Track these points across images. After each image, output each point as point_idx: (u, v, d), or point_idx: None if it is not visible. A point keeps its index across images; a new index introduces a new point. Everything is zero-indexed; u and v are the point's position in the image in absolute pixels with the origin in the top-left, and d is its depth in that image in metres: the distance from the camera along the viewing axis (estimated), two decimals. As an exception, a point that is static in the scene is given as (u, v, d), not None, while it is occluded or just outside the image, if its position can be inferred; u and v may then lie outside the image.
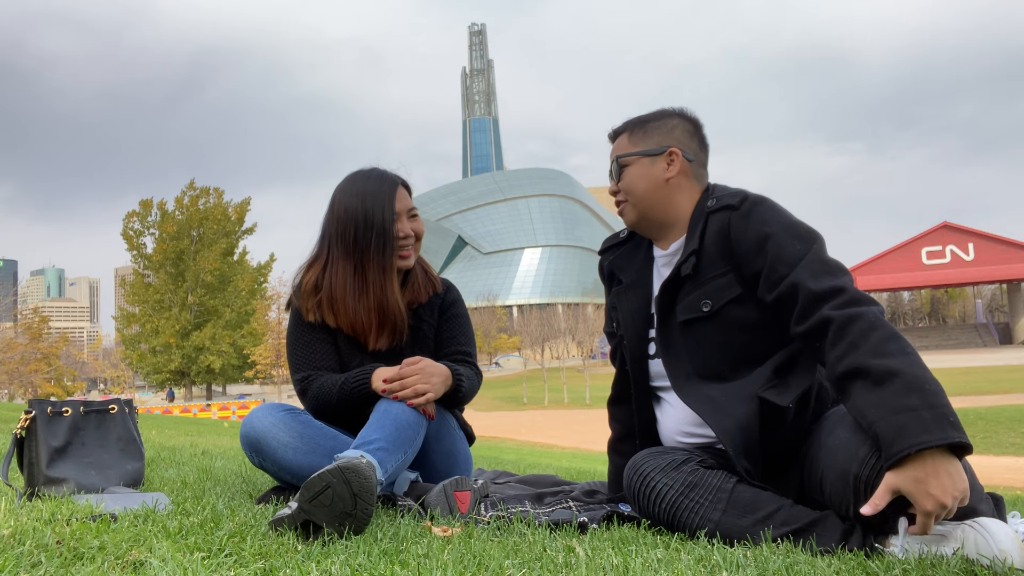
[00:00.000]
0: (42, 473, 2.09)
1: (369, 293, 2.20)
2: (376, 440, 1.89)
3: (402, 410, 1.99)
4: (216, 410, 31.94)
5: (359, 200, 2.21)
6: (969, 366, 43.63)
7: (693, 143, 2.04)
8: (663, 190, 1.99)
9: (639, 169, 2.02)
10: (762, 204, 1.87)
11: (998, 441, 20.03)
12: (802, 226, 1.83)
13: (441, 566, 1.28)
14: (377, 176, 2.27)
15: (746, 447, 1.75)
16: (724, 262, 1.87)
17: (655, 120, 2.05)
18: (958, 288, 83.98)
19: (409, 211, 2.29)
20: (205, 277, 52.01)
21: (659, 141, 2.02)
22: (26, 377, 41.88)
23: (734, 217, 1.87)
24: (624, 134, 2.09)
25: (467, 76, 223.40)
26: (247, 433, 2.06)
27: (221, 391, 58.74)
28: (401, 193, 2.28)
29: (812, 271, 1.72)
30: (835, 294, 1.68)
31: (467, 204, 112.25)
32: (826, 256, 1.78)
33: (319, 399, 2.17)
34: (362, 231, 2.19)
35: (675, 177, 1.99)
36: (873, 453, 1.50)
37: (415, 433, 1.99)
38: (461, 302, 2.44)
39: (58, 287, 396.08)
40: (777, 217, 1.84)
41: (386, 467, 1.86)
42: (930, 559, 1.39)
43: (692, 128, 2.06)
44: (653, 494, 1.74)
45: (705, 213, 1.94)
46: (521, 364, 74.04)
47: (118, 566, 1.24)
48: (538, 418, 37.34)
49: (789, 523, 1.62)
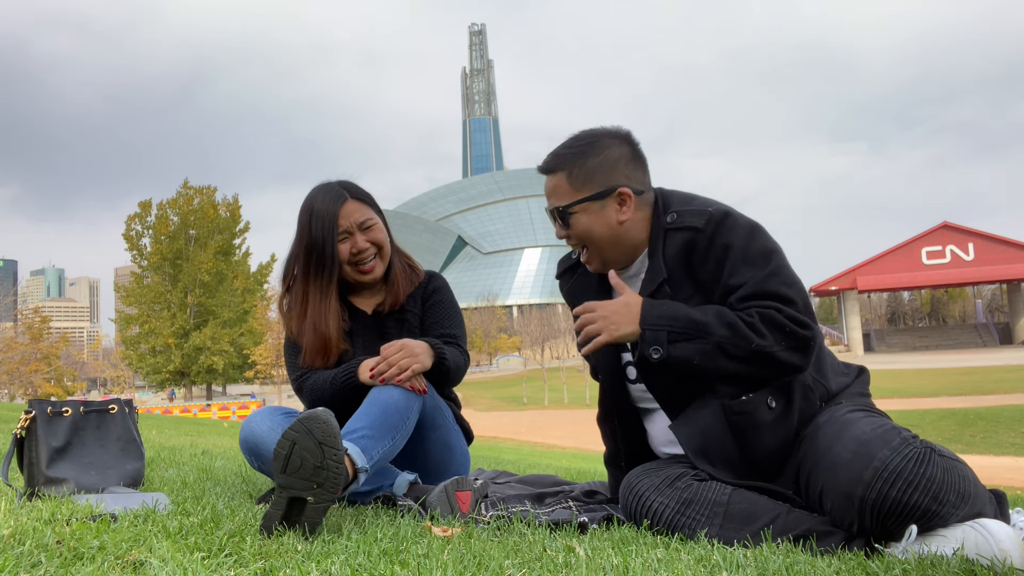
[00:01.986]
0: (42, 473, 2.09)
1: (307, 317, 2.23)
2: (360, 428, 1.88)
3: (390, 394, 1.98)
4: (216, 410, 31.94)
5: (307, 219, 2.22)
6: (969, 366, 43.60)
7: (637, 171, 1.92)
8: (618, 231, 1.90)
9: (589, 216, 1.89)
10: (723, 225, 1.81)
11: (998, 441, 20.03)
12: (756, 250, 1.79)
13: (441, 566, 1.28)
14: (324, 192, 2.24)
15: (705, 449, 1.76)
16: (690, 283, 1.84)
17: (593, 155, 1.89)
18: (958, 288, 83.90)
19: (361, 224, 2.23)
20: (202, 277, 51.97)
21: (604, 181, 1.88)
22: (26, 377, 41.85)
23: (699, 240, 1.82)
24: (560, 173, 1.91)
25: (467, 76, 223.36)
26: (246, 438, 2.07)
27: (221, 391, 58.72)
28: (348, 208, 2.22)
29: (742, 296, 1.76)
30: (773, 298, 1.74)
31: (467, 204, 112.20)
32: (769, 281, 1.76)
33: (313, 395, 2.20)
34: (307, 253, 2.22)
35: (629, 218, 1.89)
36: (878, 478, 1.50)
37: (403, 417, 1.97)
38: (445, 288, 2.41)
39: (58, 287, 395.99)
40: (735, 244, 1.79)
41: (371, 454, 1.85)
42: (930, 559, 1.38)
43: (630, 152, 1.92)
44: (649, 513, 1.73)
45: (663, 230, 1.88)
46: (521, 364, 74.00)
47: (118, 566, 1.24)
48: (538, 418, 37.33)
49: (788, 530, 1.62)
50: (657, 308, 1.78)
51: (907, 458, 1.49)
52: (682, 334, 1.74)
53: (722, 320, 1.73)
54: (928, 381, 37.00)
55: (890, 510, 1.48)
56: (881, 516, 1.50)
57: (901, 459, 1.49)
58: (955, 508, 1.48)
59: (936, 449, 1.52)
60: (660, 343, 1.74)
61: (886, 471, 1.49)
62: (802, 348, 1.73)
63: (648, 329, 1.75)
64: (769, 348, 1.71)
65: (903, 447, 1.51)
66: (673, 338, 1.74)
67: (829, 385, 1.85)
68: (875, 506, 1.50)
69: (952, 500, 1.48)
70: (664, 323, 1.75)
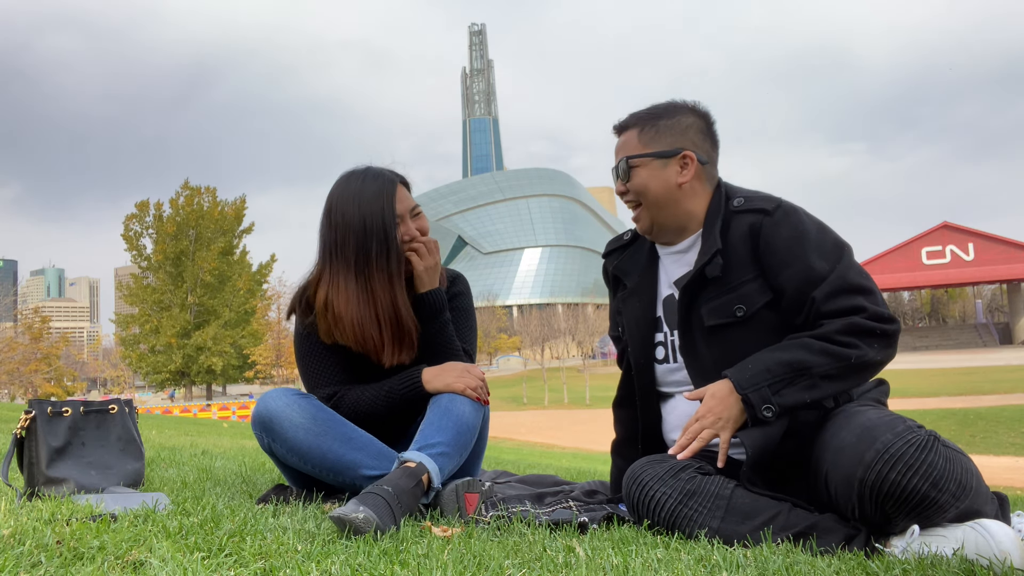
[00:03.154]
0: (42, 473, 2.09)
1: (377, 306, 2.05)
2: (439, 444, 1.87)
3: (463, 410, 1.97)
4: (216, 410, 31.93)
5: (355, 205, 2.05)
6: (969, 366, 43.62)
7: (706, 143, 1.96)
8: (675, 194, 1.93)
9: (650, 172, 1.93)
10: (795, 215, 1.84)
11: (998, 441, 20.02)
12: (829, 241, 1.82)
13: (441, 566, 1.28)
14: (373, 176, 2.10)
15: (760, 455, 1.73)
16: (753, 266, 1.84)
17: (667, 117, 1.94)
18: (958, 288, 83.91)
19: (412, 210, 2.13)
20: (204, 277, 51.97)
21: (672, 142, 1.93)
22: (26, 377, 41.85)
23: (767, 223, 1.83)
24: (633, 130, 1.97)
25: (467, 76, 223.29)
26: (260, 412, 2.01)
27: (221, 391, 58.69)
28: (401, 192, 2.12)
29: (829, 292, 1.76)
30: (844, 314, 1.74)
31: (467, 204, 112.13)
32: (849, 274, 1.78)
33: (358, 411, 2.08)
34: (362, 240, 2.04)
35: (688, 182, 1.92)
36: (879, 459, 1.50)
37: (472, 435, 1.99)
38: (467, 295, 2.31)
39: (58, 287, 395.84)
40: (808, 232, 1.82)
41: (444, 472, 1.86)
42: (930, 559, 1.38)
43: (704, 126, 1.97)
44: (652, 503, 1.73)
45: (729, 212, 1.89)
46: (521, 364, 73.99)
47: (118, 566, 1.24)
48: (538, 418, 37.32)
49: (788, 528, 1.62)
50: (745, 370, 1.75)
51: (909, 443, 1.49)
52: (782, 381, 1.71)
53: (812, 349, 1.72)
54: (928, 381, 37.00)
55: (889, 492, 1.49)
56: (880, 499, 1.50)
57: (903, 444, 1.49)
58: (955, 498, 1.48)
59: (940, 439, 1.52)
60: (768, 400, 1.71)
61: (887, 453, 1.49)
62: (892, 343, 1.76)
63: (750, 393, 1.72)
64: (866, 356, 1.72)
65: (907, 433, 1.51)
66: (776, 388, 1.71)
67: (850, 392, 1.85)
68: (874, 487, 1.50)
69: (952, 489, 1.48)
70: (761, 379, 1.72)
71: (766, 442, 1.73)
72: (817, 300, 1.76)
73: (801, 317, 1.80)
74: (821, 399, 1.74)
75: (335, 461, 1.97)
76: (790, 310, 1.82)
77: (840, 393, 1.77)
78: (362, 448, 1.98)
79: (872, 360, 1.74)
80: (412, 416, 2.13)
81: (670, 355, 1.99)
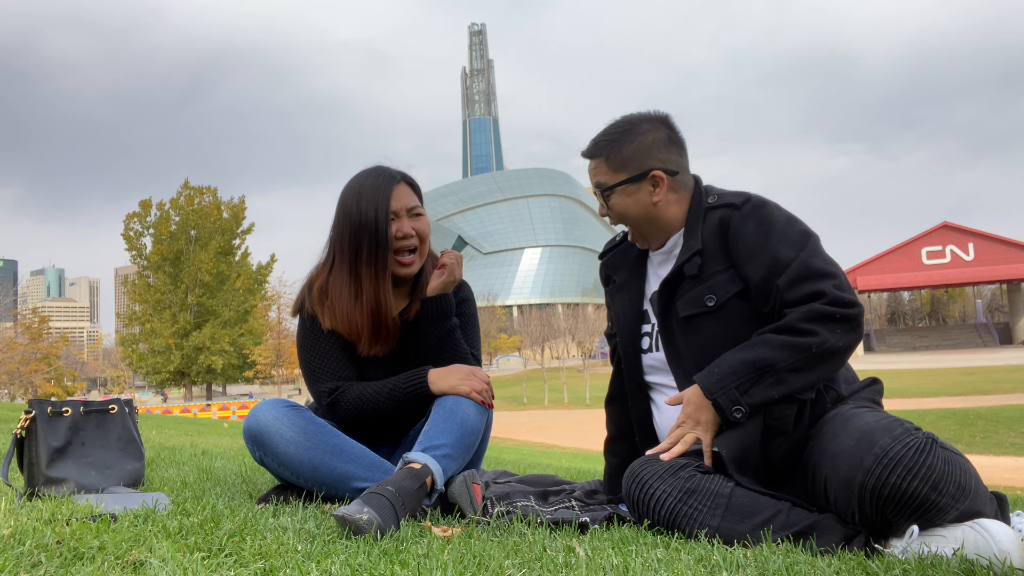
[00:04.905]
0: (42, 473, 2.09)
1: (362, 297, 2.12)
2: (444, 445, 1.88)
3: (467, 412, 1.98)
4: (216, 410, 31.93)
5: (355, 200, 2.12)
6: (969, 366, 43.59)
7: (671, 154, 2.00)
8: (652, 212, 2.00)
9: (623, 197, 2.00)
10: (763, 208, 1.90)
11: (998, 441, 20.02)
12: (795, 231, 1.86)
13: (441, 566, 1.28)
14: (377, 173, 2.17)
15: (743, 459, 1.76)
16: (724, 257, 1.90)
17: (628, 141, 1.98)
18: (958, 288, 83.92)
19: (410, 209, 2.16)
20: (203, 277, 51.96)
21: (638, 165, 1.98)
22: (26, 377, 41.87)
23: (735, 216, 1.90)
24: (599, 159, 2.02)
25: (467, 76, 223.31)
26: (250, 426, 2.03)
27: (221, 391, 58.71)
28: (400, 190, 2.16)
29: (792, 278, 1.79)
30: (806, 300, 1.77)
31: (467, 204, 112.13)
32: (812, 260, 1.81)
33: (360, 407, 2.10)
34: (357, 232, 2.11)
35: (662, 198, 1.98)
36: (878, 463, 1.50)
37: (476, 437, 2.00)
38: (471, 301, 2.34)
39: (58, 287, 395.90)
40: (775, 224, 1.86)
41: (448, 474, 1.87)
42: (930, 559, 1.38)
43: (666, 135, 2.00)
44: (652, 501, 1.74)
45: (704, 209, 1.96)
46: (521, 364, 74.01)
47: (118, 566, 1.24)
48: (538, 418, 37.32)
49: (788, 527, 1.62)
50: (712, 375, 1.80)
51: (908, 446, 1.50)
52: (749, 381, 1.76)
53: (773, 345, 1.75)
54: (928, 381, 36.99)
55: (889, 496, 1.49)
56: (880, 503, 1.50)
57: (902, 447, 1.50)
58: (954, 500, 1.49)
59: (938, 441, 1.53)
60: (737, 402, 1.76)
61: (886, 457, 1.50)
62: (855, 327, 1.77)
63: (718, 397, 1.76)
64: (827, 343, 1.73)
65: (905, 436, 1.52)
66: (744, 389, 1.75)
67: (840, 390, 1.87)
68: (874, 492, 1.50)
69: (951, 491, 1.48)
70: (728, 382, 1.77)
71: (743, 445, 1.75)
72: (781, 288, 1.80)
73: (768, 306, 1.84)
74: (792, 393, 1.76)
75: (326, 474, 1.97)
76: (758, 299, 1.86)
77: (814, 384, 1.79)
78: (354, 460, 1.99)
79: (834, 346, 1.75)
80: (413, 416, 2.14)
81: (653, 345, 2.05)
